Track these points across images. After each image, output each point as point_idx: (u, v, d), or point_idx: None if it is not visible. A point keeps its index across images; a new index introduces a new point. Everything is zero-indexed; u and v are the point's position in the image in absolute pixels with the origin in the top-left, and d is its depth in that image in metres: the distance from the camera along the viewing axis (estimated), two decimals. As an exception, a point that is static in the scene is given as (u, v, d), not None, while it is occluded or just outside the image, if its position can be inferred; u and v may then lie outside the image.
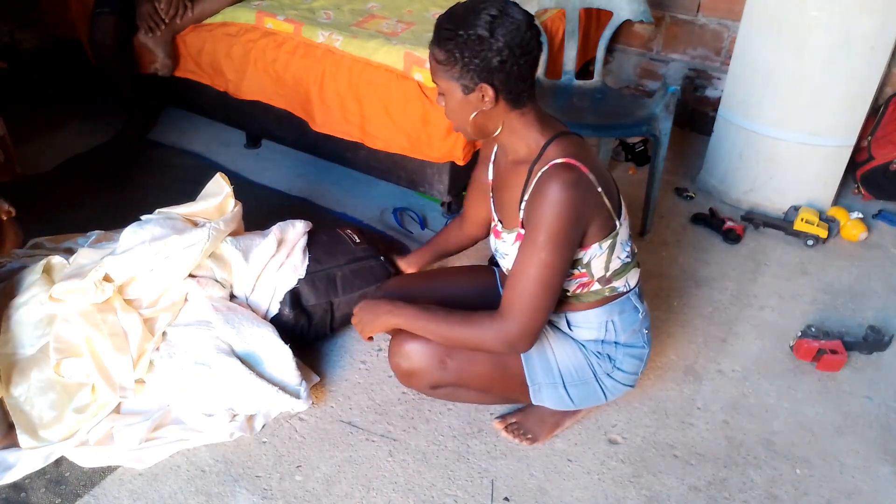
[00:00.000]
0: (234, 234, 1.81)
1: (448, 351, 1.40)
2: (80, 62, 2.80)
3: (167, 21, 2.47)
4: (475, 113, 1.28)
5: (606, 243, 1.34)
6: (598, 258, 1.35)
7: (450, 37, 1.20)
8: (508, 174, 1.37)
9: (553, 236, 1.22)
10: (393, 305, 1.42)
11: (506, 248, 1.40)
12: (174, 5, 2.45)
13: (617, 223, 1.34)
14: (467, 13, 1.19)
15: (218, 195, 1.84)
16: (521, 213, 1.33)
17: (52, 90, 3.12)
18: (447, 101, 1.30)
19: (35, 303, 1.63)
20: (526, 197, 1.30)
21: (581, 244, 1.31)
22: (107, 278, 1.62)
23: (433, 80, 1.31)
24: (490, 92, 1.23)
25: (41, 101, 3.05)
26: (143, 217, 1.79)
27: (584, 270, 1.35)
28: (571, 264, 1.33)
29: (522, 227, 1.34)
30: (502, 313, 1.29)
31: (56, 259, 1.71)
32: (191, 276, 1.70)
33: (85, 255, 1.72)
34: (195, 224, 1.78)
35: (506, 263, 1.43)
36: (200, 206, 1.82)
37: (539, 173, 1.26)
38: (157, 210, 1.81)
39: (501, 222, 1.43)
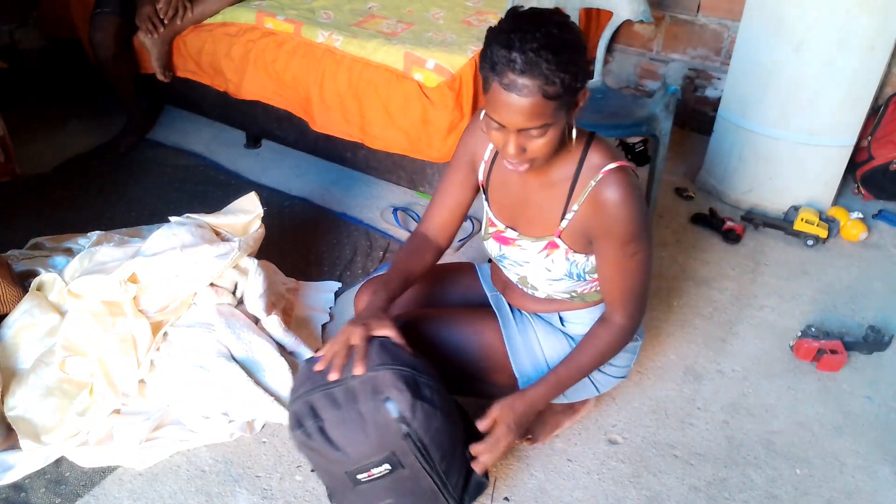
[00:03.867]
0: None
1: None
2: (80, 62, 2.80)
3: (166, 22, 2.47)
4: (573, 124, 1.21)
5: None
6: None
7: (556, 62, 1.05)
8: (532, 183, 1.31)
9: (638, 234, 1.24)
10: (527, 396, 1.32)
11: (526, 255, 1.36)
12: (173, 6, 2.46)
13: None
14: (546, 33, 1.06)
15: (248, 213, 1.84)
16: (565, 222, 1.29)
17: (52, 90, 3.13)
18: (549, 135, 1.14)
19: (27, 317, 1.63)
20: (574, 208, 1.27)
21: None
22: (132, 279, 1.62)
23: (528, 127, 1.11)
24: (588, 91, 1.17)
25: (41, 101, 3.05)
26: (173, 219, 1.77)
27: None
28: (595, 269, 1.34)
29: (560, 236, 1.30)
30: (614, 315, 1.34)
31: (47, 276, 1.71)
32: (210, 285, 1.69)
33: (106, 252, 1.73)
34: (219, 235, 1.78)
35: (522, 272, 1.39)
36: (229, 220, 1.82)
37: (592, 182, 1.23)
38: (186, 214, 1.80)
39: (513, 228, 1.37)
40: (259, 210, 1.84)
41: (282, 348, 1.71)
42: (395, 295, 1.35)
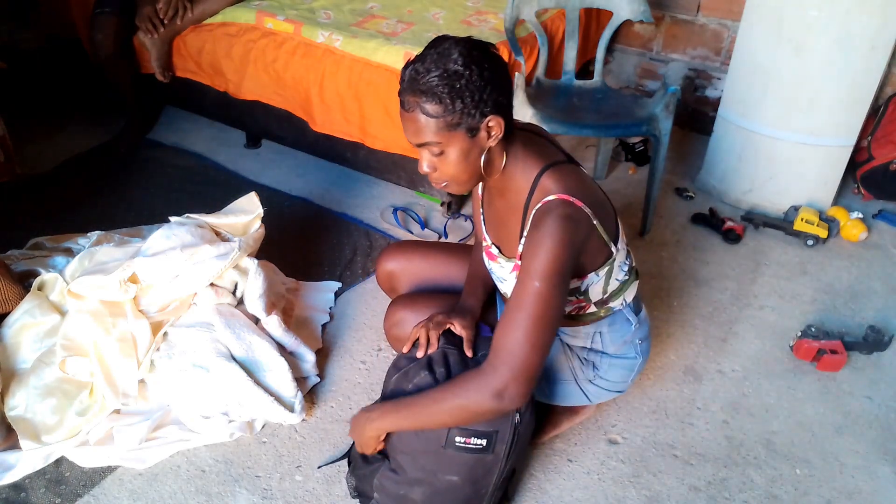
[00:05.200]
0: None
1: None
2: (80, 62, 2.80)
3: (166, 22, 2.47)
4: (484, 154, 1.19)
5: (603, 270, 1.30)
6: (596, 285, 1.32)
7: (437, 83, 1.10)
8: (501, 206, 1.32)
9: (547, 270, 1.15)
10: (371, 411, 1.28)
11: (503, 273, 1.37)
12: (173, 6, 2.46)
13: (614, 249, 1.30)
14: (438, 57, 1.11)
15: (249, 213, 1.84)
16: (521, 246, 1.29)
17: (52, 90, 3.12)
18: (448, 156, 1.17)
19: (28, 317, 1.63)
20: (525, 233, 1.26)
21: (577, 275, 1.29)
22: (132, 279, 1.62)
23: (420, 143, 1.17)
24: (500, 120, 1.16)
25: (41, 101, 3.05)
26: (173, 219, 1.78)
27: (581, 297, 1.33)
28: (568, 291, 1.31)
29: (521, 259, 1.30)
30: (490, 360, 1.16)
31: (48, 276, 1.71)
32: (210, 285, 1.69)
33: (106, 252, 1.73)
34: (219, 235, 1.78)
35: (504, 288, 1.40)
36: (230, 220, 1.82)
37: (534, 210, 1.22)
38: (187, 214, 1.80)
39: (497, 246, 1.38)
40: (259, 210, 1.84)
41: (282, 348, 1.71)
42: (482, 300, 1.49)
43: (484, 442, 1.25)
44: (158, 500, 1.45)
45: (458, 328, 1.38)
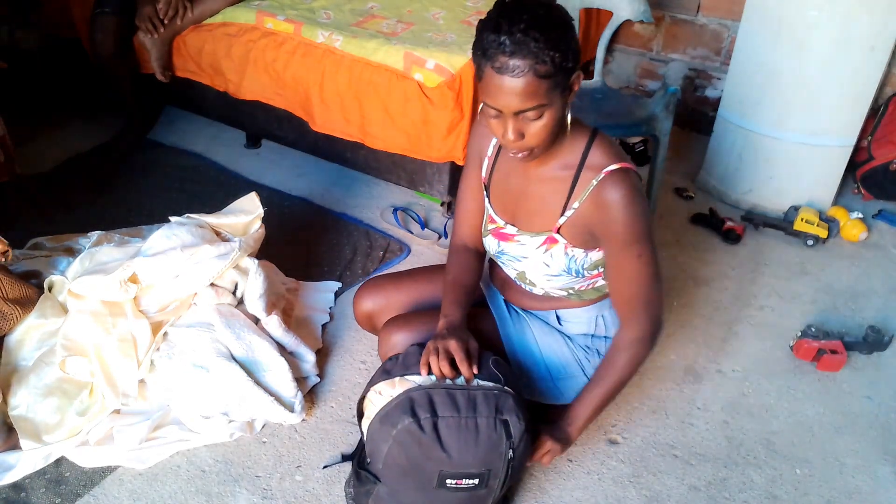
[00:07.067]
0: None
1: None
2: (80, 62, 2.80)
3: (166, 22, 2.47)
4: (568, 109, 1.21)
5: None
6: None
7: (550, 42, 1.07)
8: (538, 174, 1.31)
9: (640, 236, 1.24)
10: (566, 424, 1.36)
11: (524, 251, 1.35)
12: (173, 6, 2.46)
13: None
14: (538, 18, 1.07)
15: (249, 213, 1.84)
16: (564, 218, 1.28)
17: (52, 90, 3.12)
18: (545, 118, 1.15)
19: (39, 318, 1.63)
20: (575, 205, 1.26)
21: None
22: (132, 279, 1.61)
23: (523, 109, 1.12)
24: (581, 74, 1.17)
25: (41, 101, 3.05)
26: (173, 219, 1.78)
27: (601, 270, 1.35)
28: (594, 265, 1.33)
29: (559, 232, 1.30)
30: (630, 323, 1.31)
31: (57, 277, 1.71)
32: (210, 285, 1.69)
33: (107, 252, 1.72)
34: (219, 235, 1.78)
35: (521, 267, 1.38)
36: (230, 220, 1.82)
37: (594, 181, 1.23)
38: (187, 214, 1.80)
39: (513, 224, 1.37)
40: (259, 210, 1.84)
41: (282, 348, 1.71)
42: (466, 310, 1.39)
43: (476, 481, 1.23)
44: (158, 500, 1.45)
45: (465, 352, 1.28)
